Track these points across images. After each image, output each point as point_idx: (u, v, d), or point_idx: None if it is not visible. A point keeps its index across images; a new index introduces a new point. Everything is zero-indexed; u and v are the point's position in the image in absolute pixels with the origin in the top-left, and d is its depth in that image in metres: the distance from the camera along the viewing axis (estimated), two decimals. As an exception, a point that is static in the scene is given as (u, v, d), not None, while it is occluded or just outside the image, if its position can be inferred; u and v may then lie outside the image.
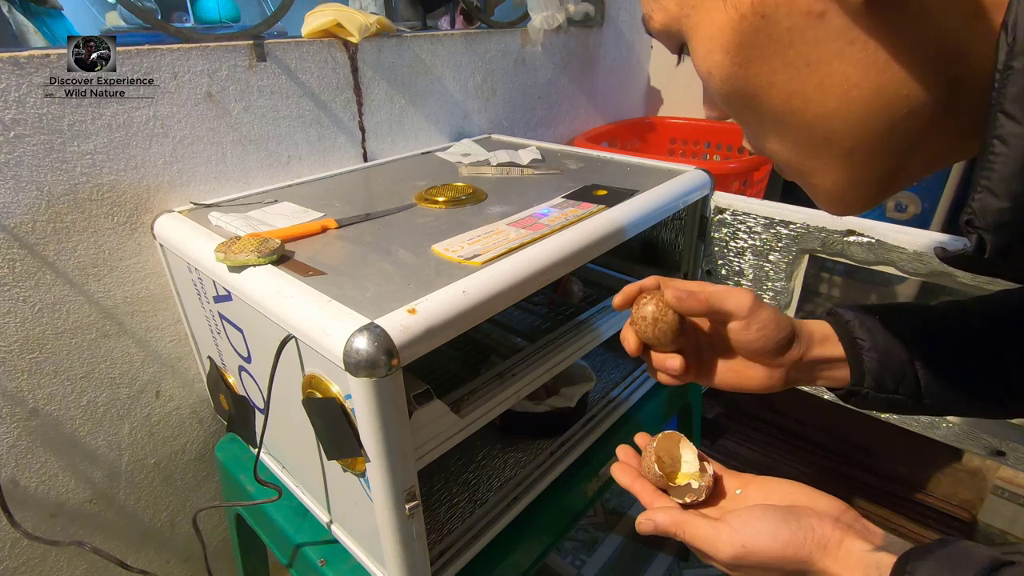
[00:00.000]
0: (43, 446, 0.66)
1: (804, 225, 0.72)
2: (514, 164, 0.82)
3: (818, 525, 0.34)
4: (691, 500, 0.40)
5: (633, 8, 1.37)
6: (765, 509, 0.36)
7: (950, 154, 0.28)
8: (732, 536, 0.35)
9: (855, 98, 0.26)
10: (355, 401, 0.41)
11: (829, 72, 0.25)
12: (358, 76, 0.84)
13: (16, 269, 0.59)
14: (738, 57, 0.27)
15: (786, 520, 0.34)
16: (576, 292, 0.87)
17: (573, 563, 1.16)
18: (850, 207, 0.31)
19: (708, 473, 0.41)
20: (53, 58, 0.57)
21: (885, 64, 0.24)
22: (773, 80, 0.27)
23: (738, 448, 1.42)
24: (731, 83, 0.28)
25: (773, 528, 0.34)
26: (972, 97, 0.24)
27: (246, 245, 0.52)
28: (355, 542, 0.56)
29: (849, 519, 0.35)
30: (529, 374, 0.60)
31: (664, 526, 0.38)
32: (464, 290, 0.46)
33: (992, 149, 0.22)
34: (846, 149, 0.28)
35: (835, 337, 0.44)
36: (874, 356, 0.42)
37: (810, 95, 0.26)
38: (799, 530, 0.34)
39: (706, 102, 0.34)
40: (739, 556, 0.34)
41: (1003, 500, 1.19)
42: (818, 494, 0.38)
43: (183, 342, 0.75)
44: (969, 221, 0.24)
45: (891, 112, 0.25)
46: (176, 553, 0.83)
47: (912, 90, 0.25)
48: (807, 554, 0.33)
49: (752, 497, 0.40)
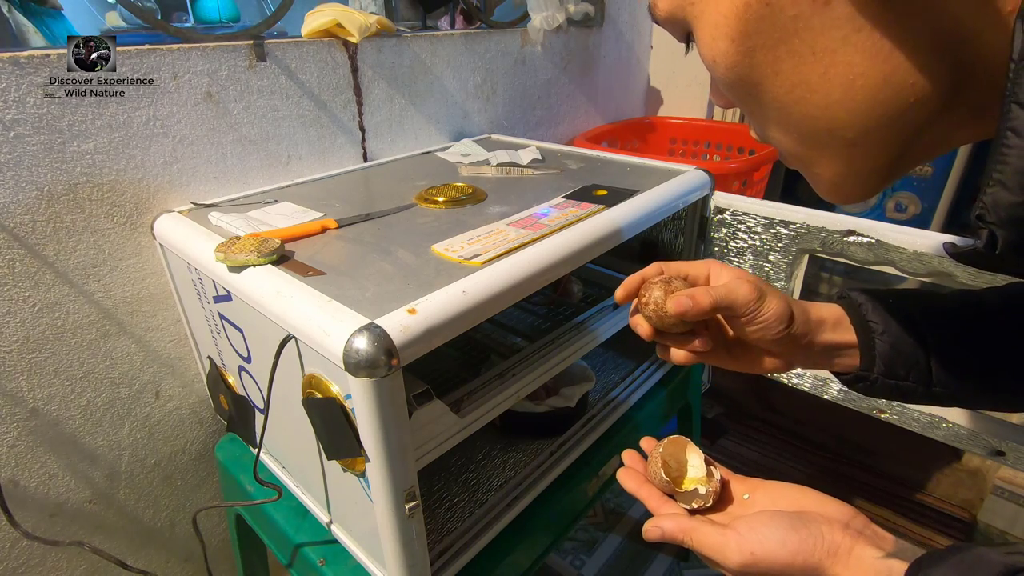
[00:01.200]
0: (43, 446, 0.66)
1: (804, 225, 0.72)
2: (514, 164, 0.82)
3: (828, 531, 0.33)
4: (698, 506, 0.40)
5: (633, 8, 1.37)
6: (774, 515, 0.35)
7: (954, 139, 0.28)
8: (741, 543, 0.34)
9: (860, 87, 0.25)
10: (355, 401, 0.41)
11: (834, 61, 0.25)
12: (358, 76, 0.84)
13: (16, 269, 0.59)
14: (743, 45, 0.27)
15: (795, 527, 0.34)
16: (576, 292, 0.87)
17: (573, 563, 1.16)
18: (851, 197, 0.31)
19: (715, 478, 0.41)
20: (53, 58, 0.57)
21: (891, 52, 0.24)
22: (777, 68, 0.27)
23: (738, 448, 1.42)
24: (735, 71, 0.28)
25: (782, 535, 0.33)
26: (979, 84, 0.24)
27: (246, 245, 0.52)
28: (355, 542, 0.56)
29: (859, 525, 0.35)
30: (529, 374, 0.60)
31: (671, 533, 0.38)
32: (464, 290, 0.46)
33: (1006, 141, 0.22)
34: (849, 139, 0.27)
35: (847, 322, 0.42)
36: (886, 340, 0.41)
37: (814, 84, 0.26)
38: (809, 537, 0.33)
39: (713, 91, 0.33)
40: (748, 564, 0.34)
41: (1003, 500, 1.19)
42: (827, 499, 0.37)
43: (183, 342, 0.75)
44: (980, 216, 0.24)
45: (897, 102, 0.25)
46: (176, 553, 0.83)
47: (918, 79, 0.24)
48: (817, 561, 0.32)
49: (760, 502, 0.40)
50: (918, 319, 0.41)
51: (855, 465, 1.35)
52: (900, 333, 0.41)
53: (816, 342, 0.42)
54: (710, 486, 0.40)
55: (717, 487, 0.41)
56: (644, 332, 0.43)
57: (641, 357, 0.87)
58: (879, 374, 0.41)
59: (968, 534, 1.20)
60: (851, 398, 0.75)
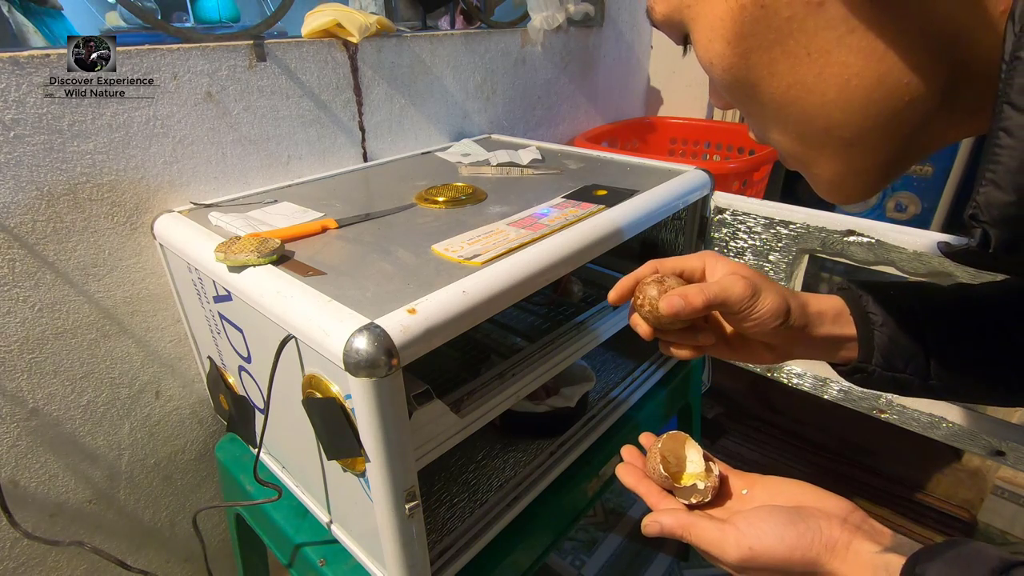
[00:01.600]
0: (43, 446, 0.66)
1: (804, 225, 0.72)
2: (514, 164, 0.82)
3: (826, 526, 0.33)
4: (697, 501, 0.40)
5: (633, 8, 1.37)
6: (772, 510, 0.35)
7: (950, 135, 0.28)
8: (739, 538, 0.34)
9: (855, 87, 0.25)
10: (355, 401, 0.41)
11: (829, 61, 0.25)
12: (358, 76, 0.84)
13: (16, 269, 0.59)
14: (739, 47, 0.27)
15: (793, 522, 0.34)
16: (576, 292, 0.87)
17: (573, 563, 1.16)
18: (851, 196, 0.31)
19: (714, 473, 0.41)
20: (53, 58, 0.57)
21: (885, 52, 0.24)
22: (773, 70, 0.27)
23: (738, 448, 1.42)
24: (732, 73, 0.28)
25: (780, 530, 0.34)
26: (974, 82, 0.24)
27: (246, 245, 0.52)
28: (355, 542, 0.56)
29: (857, 520, 0.35)
30: (529, 374, 0.60)
31: (670, 528, 0.38)
32: (464, 290, 0.46)
33: (998, 141, 0.22)
34: (846, 139, 0.27)
35: (847, 314, 0.42)
36: (885, 332, 0.41)
37: (810, 85, 0.26)
38: (807, 531, 0.33)
39: (712, 92, 0.34)
40: (746, 559, 0.34)
41: (1003, 500, 1.19)
42: (825, 494, 0.37)
43: (183, 342, 0.75)
44: (973, 215, 0.24)
45: (892, 101, 0.25)
46: (176, 553, 0.83)
47: (912, 78, 0.25)
48: (815, 556, 0.33)
49: (758, 497, 0.40)
50: (918, 312, 0.41)
51: (855, 465, 1.35)
52: (899, 325, 0.41)
53: (815, 335, 0.42)
54: (709, 481, 0.40)
55: (716, 482, 0.41)
56: (644, 332, 0.43)
57: (641, 357, 0.87)
58: (877, 366, 0.41)
59: (968, 534, 1.20)
60: (851, 398, 0.75)
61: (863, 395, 0.74)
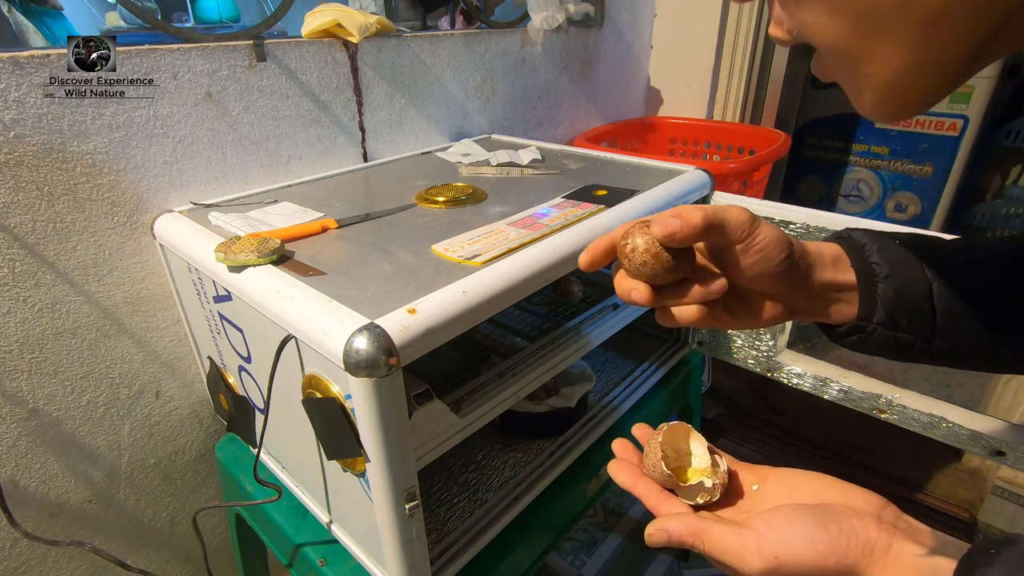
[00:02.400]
0: (43, 446, 0.66)
1: (804, 225, 0.72)
2: (514, 164, 0.82)
3: (860, 528, 0.29)
4: (704, 501, 0.35)
5: (633, 8, 1.37)
6: (797, 510, 0.31)
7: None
8: (762, 545, 0.30)
9: None
10: (355, 401, 0.41)
11: None
12: (358, 76, 0.84)
13: (16, 269, 0.59)
14: None
15: (824, 523, 0.30)
16: (576, 292, 0.87)
17: (573, 563, 1.16)
18: (907, 107, 0.24)
19: (721, 468, 0.37)
20: (53, 58, 0.57)
21: None
22: None
23: (738, 448, 1.42)
24: None
25: (809, 534, 0.29)
26: None
27: (246, 245, 0.52)
28: (355, 542, 0.56)
29: (891, 517, 0.31)
30: (529, 374, 0.60)
31: (680, 536, 0.33)
32: (464, 290, 0.46)
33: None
34: (932, 13, 0.21)
35: (846, 261, 0.37)
36: (891, 285, 0.36)
37: None
38: (840, 535, 0.29)
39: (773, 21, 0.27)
40: (772, 569, 0.30)
41: (1003, 500, 1.19)
42: (851, 488, 0.33)
43: (183, 342, 0.75)
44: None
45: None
46: (176, 553, 0.83)
47: None
48: (852, 563, 0.29)
49: (772, 494, 0.36)
50: (927, 263, 0.36)
51: (855, 465, 1.35)
52: (906, 277, 0.36)
53: (816, 279, 0.37)
54: (717, 478, 0.36)
55: (724, 479, 0.36)
56: (641, 295, 0.35)
57: (641, 357, 0.87)
58: (879, 323, 0.36)
59: (968, 534, 1.20)
60: (851, 398, 0.75)
61: (863, 395, 0.74)
